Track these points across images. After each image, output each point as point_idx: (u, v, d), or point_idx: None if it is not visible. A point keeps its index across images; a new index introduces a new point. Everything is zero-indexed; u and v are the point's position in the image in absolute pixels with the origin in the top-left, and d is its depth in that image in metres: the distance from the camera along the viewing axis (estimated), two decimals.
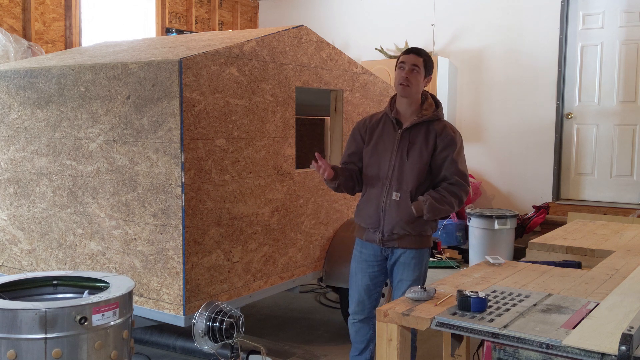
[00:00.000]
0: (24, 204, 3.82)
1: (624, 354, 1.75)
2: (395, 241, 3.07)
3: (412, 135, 3.06)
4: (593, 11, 6.66)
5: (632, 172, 6.54)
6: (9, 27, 5.78)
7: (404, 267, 3.10)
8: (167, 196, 3.15)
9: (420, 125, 3.07)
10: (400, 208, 3.03)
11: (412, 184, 3.02)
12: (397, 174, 3.04)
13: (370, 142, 3.15)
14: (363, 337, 3.26)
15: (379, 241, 3.10)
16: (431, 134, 3.05)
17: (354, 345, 3.31)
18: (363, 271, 3.20)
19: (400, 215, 3.03)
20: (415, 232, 3.06)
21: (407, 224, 3.03)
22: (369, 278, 3.19)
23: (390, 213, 3.05)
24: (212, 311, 3.05)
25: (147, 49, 3.72)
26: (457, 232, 6.87)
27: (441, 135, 3.04)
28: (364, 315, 3.23)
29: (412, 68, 3.02)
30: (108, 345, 2.47)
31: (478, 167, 7.29)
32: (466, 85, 7.34)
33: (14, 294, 2.68)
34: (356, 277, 3.23)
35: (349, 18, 8.07)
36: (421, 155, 3.03)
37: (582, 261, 3.28)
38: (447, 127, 3.08)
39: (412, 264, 3.10)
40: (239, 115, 3.41)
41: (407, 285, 3.08)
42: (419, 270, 3.11)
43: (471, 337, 2.42)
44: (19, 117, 3.79)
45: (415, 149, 3.04)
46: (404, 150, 3.05)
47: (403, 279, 3.11)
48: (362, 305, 3.22)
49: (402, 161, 3.04)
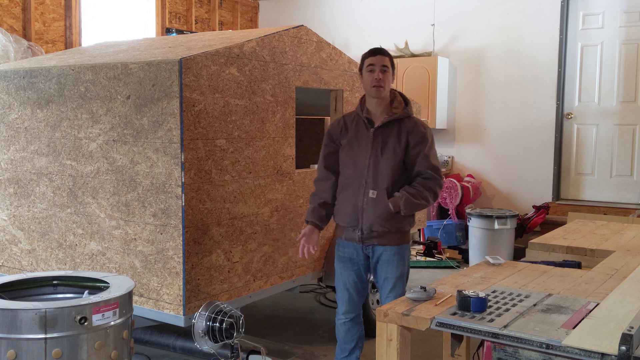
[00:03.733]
0: (24, 204, 3.82)
1: (624, 354, 1.75)
2: (374, 239, 3.12)
3: (385, 134, 3.12)
4: (593, 11, 6.66)
5: (632, 172, 6.54)
6: (9, 27, 5.78)
7: (388, 264, 3.15)
8: (167, 196, 3.15)
9: (391, 123, 3.13)
10: (377, 205, 3.07)
11: (388, 181, 3.08)
12: (373, 172, 3.09)
13: (344, 142, 3.20)
14: (353, 337, 3.28)
15: (358, 239, 3.14)
16: (403, 131, 3.11)
17: (342, 346, 3.31)
18: (348, 270, 3.23)
19: (378, 212, 3.07)
20: (394, 229, 3.11)
21: (385, 221, 3.08)
22: (355, 275, 3.23)
23: (368, 211, 3.09)
24: (212, 311, 3.05)
25: (147, 49, 3.72)
26: (457, 232, 6.87)
27: (412, 131, 3.11)
28: (355, 313, 3.27)
29: (383, 69, 3.08)
30: (108, 345, 2.47)
31: (478, 167, 7.29)
32: (466, 85, 7.34)
33: (14, 294, 2.68)
34: (342, 277, 3.25)
35: (349, 18, 8.07)
36: (395, 152, 3.09)
37: (582, 261, 3.28)
38: (417, 124, 3.15)
39: (395, 260, 3.14)
40: (239, 115, 3.41)
41: (392, 282, 3.14)
42: (402, 266, 3.17)
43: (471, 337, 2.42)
44: (19, 117, 3.79)
45: (388, 146, 3.10)
46: (378, 149, 3.10)
47: (388, 277, 3.15)
48: (352, 304, 3.25)
49: (376, 159, 3.10)
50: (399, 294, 3.13)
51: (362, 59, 3.16)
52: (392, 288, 3.15)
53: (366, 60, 3.12)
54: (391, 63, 3.14)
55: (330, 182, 3.24)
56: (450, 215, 6.82)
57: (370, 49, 3.17)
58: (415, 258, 6.52)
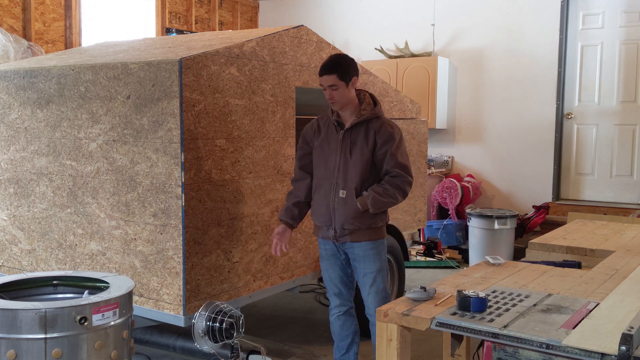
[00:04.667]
0: (24, 204, 3.82)
1: (624, 354, 1.75)
2: (347, 236, 3.24)
3: (354, 135, 3.24)
4: (593, 11, 6.66)
5: (632, 172, 6.54)
6: (9, 27, 5.78)
7: (364, 260, 3.28)
8: (167, 196, 3.15)
9: (360, 125, 3.24)
10: (347, 204, 3.21)
11: (357, 181, 3.20)
12: (342, 173, 3.23)
13: (316, 145, 3.34)
14: (348, 331, 3.41)
15: (332, 237, 3.28)
16: (370, 132, 3.22)
17: (339, 343, 3.44)
18: (332, 265, 3.37)
19: (348, 211, 3.21)
20: (364, 226, 3.22)
21: (354, 219, 3.20)
22: (339, 269, 3.37)
23: (339, 210, 3.22)
24: (212, 311, 3.05)
25: (147, 49, 3.72)
26: (457, 232, 6.87)
27: (379, 132, 3.22)
28: (346, 306, 3.41)
29: (331, 87, 3.15)
30: (108, 345, 2.47)
31: (478, 167, 7.29)
32: (466, 85, 7.34)
33: (14, 294, 2.68)
34: (328, 272, 3.40)
35: (349, 18, 8.07)
36: (362, 153, 3.20)
37: (582, 261, 3.28)
38: (384, 124, 3.25)
39: (371, 255, 3.26)
40: (239, 115, 3.41)
41: (372, 277, 3.27)
42: (379, 261, 3.29)
43: (471, 337, 2.42)
44: (19, 117, 3.79)
45: (356, 147, 3.22)
46: (347, 150, 3.23)
47: (367, 272, 3.28)
48: (341, 296, 3.40)
49: (345, 160, 3.23)
50: (380, 289, 3.29)
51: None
52: (372, 283, 3.28)
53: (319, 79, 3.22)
54: (343, 75, 3.15)
55: (305, 182, 3.38)
56: (450, 215, 6.82)
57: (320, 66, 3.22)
58: (416, 258, 6.52)
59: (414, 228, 5.18)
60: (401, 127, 3.55)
